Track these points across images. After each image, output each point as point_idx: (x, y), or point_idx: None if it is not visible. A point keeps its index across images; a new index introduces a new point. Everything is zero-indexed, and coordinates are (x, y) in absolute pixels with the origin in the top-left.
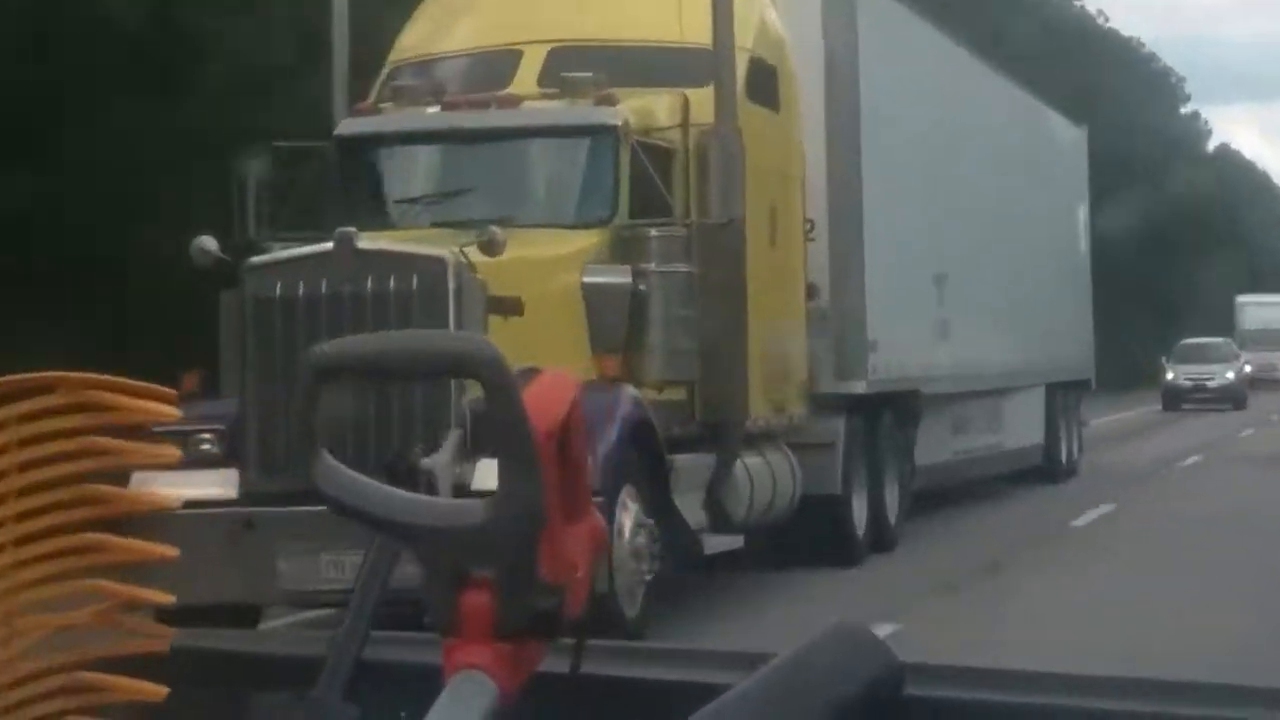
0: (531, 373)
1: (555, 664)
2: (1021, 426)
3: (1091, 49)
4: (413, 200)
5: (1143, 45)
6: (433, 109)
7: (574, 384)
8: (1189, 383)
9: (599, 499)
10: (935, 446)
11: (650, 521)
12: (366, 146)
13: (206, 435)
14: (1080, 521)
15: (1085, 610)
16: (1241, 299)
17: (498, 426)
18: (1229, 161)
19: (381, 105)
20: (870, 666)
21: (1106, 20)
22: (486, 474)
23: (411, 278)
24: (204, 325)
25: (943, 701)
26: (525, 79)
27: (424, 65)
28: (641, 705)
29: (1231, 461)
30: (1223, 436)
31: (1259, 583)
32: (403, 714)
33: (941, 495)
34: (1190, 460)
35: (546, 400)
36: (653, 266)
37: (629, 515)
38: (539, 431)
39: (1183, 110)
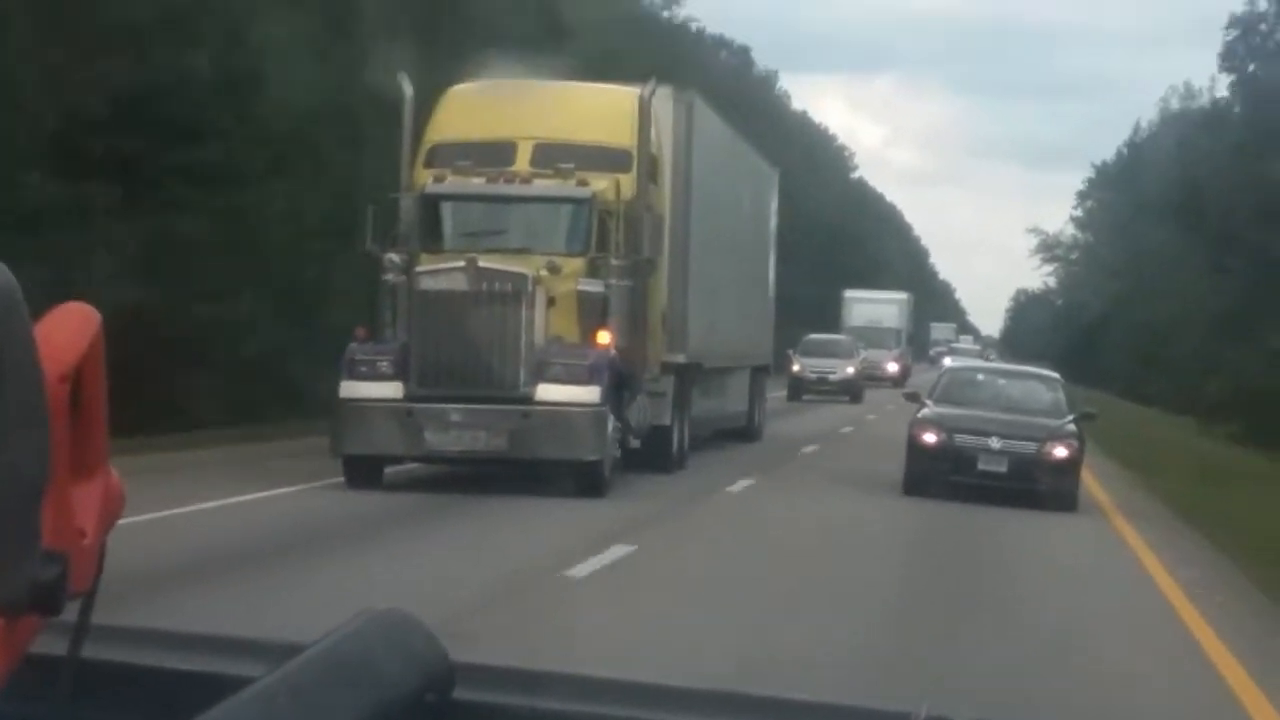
0: (564, 344)
1: (53, 645)
2: (736, 398)
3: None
4: (470, 234)
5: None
6: (477, 179)
7: (94, 320)
8: (813, 375)
9: (603, 408)
10: (697, 404)
11: (619, 424)
12: (439, 201)
13: (384, 361)
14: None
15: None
16: (849, 294)
17: (1, 365)
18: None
19: (442, 172)
20: (418, 663)
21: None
22: (545, 393)
23: (509, 284)
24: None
25: (495, 708)
26: (522, 161)
27: (456, 146)
28: (151, 698)
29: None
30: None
31: None
32: None
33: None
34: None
35: (61, 338)
36: (613, 282)
37: (610, 420)
38: (50, 374)
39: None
